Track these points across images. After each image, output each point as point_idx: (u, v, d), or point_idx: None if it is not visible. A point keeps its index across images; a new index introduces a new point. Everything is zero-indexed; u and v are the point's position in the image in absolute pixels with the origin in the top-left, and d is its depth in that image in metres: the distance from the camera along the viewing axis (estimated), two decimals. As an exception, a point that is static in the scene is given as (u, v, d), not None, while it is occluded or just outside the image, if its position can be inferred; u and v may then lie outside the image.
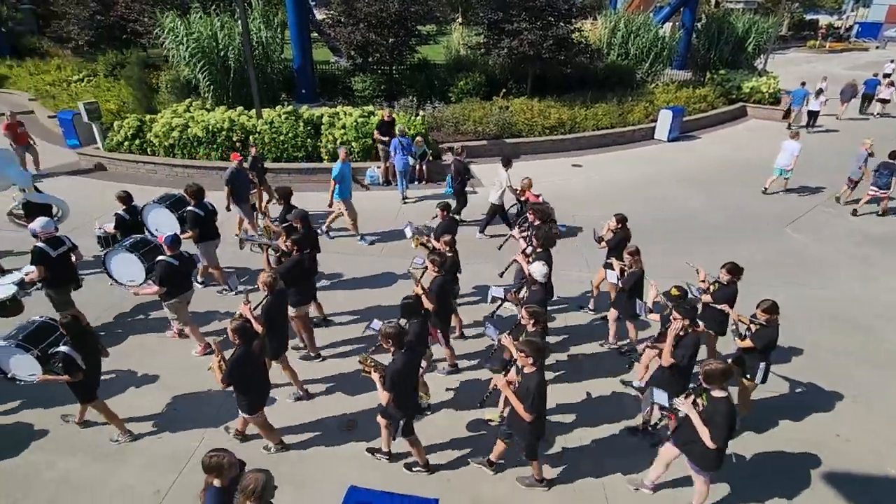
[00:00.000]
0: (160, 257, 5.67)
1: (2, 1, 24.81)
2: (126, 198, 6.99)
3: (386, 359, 4.25)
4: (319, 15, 21.42)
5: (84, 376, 4.51)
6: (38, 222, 5.91)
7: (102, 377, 4.93)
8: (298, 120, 11.84)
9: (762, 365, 4.73)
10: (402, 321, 4.61)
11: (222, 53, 13.27)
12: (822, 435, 5.23)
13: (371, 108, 12.80)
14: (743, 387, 4.96)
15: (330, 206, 8.78)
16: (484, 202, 10.62)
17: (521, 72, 15.37)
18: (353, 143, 11.58)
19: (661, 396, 4.04)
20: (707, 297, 5.39)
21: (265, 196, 9.46)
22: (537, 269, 5.13)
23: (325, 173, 11.33)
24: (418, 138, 11.15)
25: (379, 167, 11.28)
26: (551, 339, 6.22)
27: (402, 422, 4.37)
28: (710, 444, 3.67)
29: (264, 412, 4.60)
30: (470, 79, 15.02)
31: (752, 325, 4.76)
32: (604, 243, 6.49)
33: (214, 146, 11.58)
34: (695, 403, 3.84)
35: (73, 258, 6.07)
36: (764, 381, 4.84)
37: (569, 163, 13.23)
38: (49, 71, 18.63)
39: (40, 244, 5.75)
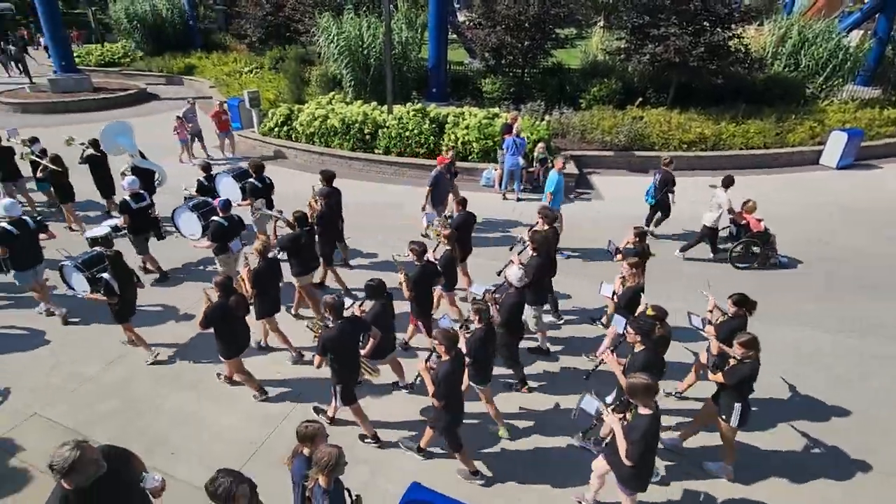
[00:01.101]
0: (214, 218, 6.47)
1: (202, 3, 29.46)
2: (206, 167, 8.21)
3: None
4: (461, 17, 21.95)
5: (118, 301, 5.42)
6: (126, 181, 7.24)
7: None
8: (425, 117, 12.23)
9: (737, 406, 4.28)
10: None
11: (365, 52, 14.21)
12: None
13: (497, 110, 12.77)
14: (721, 430, 4.52)
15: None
16: (599, 218, 10.06)
17: (662, 80, 14.19)
18: (474, 144, 11.65)
19: (589, 404, 3.93)
20: (710, 330, 4.87)
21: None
22: (513, 274, 5.13)
23: (443, 171, 11.66)
24: (540, 144, 10.85)
25: (496, 169, 11.21)
26: (554, 348, 6.29)
27: (337, 388, 4.66)
28: (624, 459, 3.53)
29: (240, 360, 5.22)
30: (604, 85, 14.24)
31: (729, 360, 4.39)
32: (619, 256, 6.14)
33: (347, 137, 12.45)
34: (624, 417, 3.71)
35: (151, 213, 7.30)
36: (740, 424, 4.34)
37: (706, 183, 11.86)
38: (227, 63, 21.62)
39: (126, 197, 7.03)
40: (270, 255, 5.68)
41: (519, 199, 10.72)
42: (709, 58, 12.74)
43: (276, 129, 13.32)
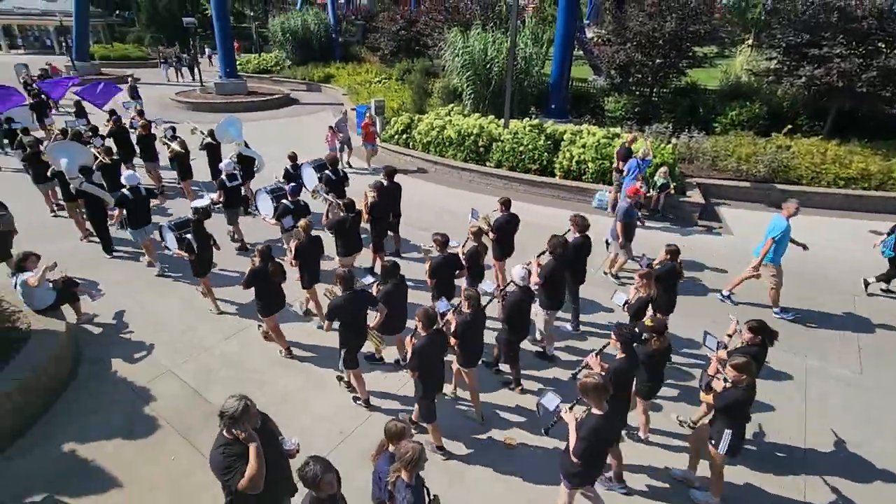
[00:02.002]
0: (283, 201, 7.37)
1: (345, 19, 32.26)
2: (294, 157, 9.18)
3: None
4: (589, 33, 21.41)
5: (195, 257, 6.59)
6: (224, 163, 8.54)
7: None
8: (541, 133, 12.05)
9: (727, 432, 4.03)
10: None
11: (488, 66, 14.42)
12: None
13: (617, 129, 12.17)
14: (709, 455, 4.25)
15: (756, 269, 7.05)
16: (726, 254, 9.10)
17: (819, 106, 12.47)
18: (590, 164, 11.20)
19: (550, 402, 3.97)
20: (722, 354, 4.53)
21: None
22: (516, 272, 5.27)
23: (554, 188, 11.37)
24: (663, 168, 10.09)
25: (609, 192, 10.65)
26: (569, 357, 6.27)
27: (342, 351, 5.11)
28: (571, 453, 3.63)
29: (275, 319, 5.94)
30: (746, 109, 12.91)
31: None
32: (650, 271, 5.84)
33: (461, 148, 12.69)
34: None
35: (242, 191, 8.75)
36: (729, 452, 4.09)
37: (865, 227, 10.15)
38: (360, 73, 23.35)
39: (222, 177, 8.31)
40: (313, 233, 6.38)
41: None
42: (881, 84, 10.94)
43: (396, 137, 14.02)
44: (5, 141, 12.86)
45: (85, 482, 4.51)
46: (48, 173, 8.71)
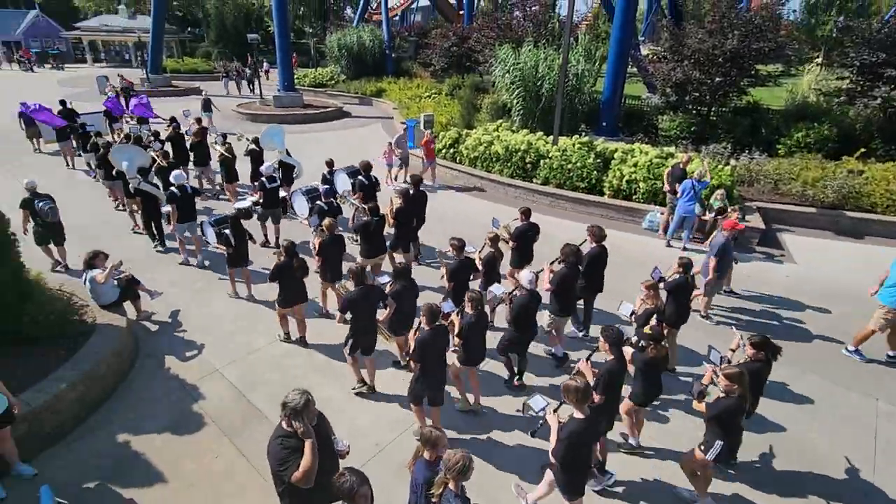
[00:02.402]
0: (317, 202, 8.00)
1: (398, 35, 33.14)
2: (331, 163, 9.73)
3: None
4: (644, 50, 20.99)
5: (232, 250, 7.18)
6: (264, 166, 9.26)
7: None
8: (591, 151, 11.83)
9: (718, 443, 4.00)
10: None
11: (538, 82, 14.36)
12: None
13: (672, 149, 11.77)
14: (696, 458, 4.23)
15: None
16: (787, 283, 8.57)
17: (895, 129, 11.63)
18: (640, 184, 10.87)
19: (537, 403, 4.04)
20: (721, 368, 4.35)
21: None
22: (523, 276, 5.50)
23: (602, 208, 11.11)
24: (720, 191, 9.64)
25: (662, 213, 10.27)
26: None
27: (350, 340, 5.43)
28: (550, 453, 3.72)
29: (287, 311, 6.40)
30: (814, 130, 12.19)
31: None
32: (661, 285, 5.88)
33: (508, 164, 12.65)
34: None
35: (281, 193, 9.16)
36: (718, 460, 4.09)
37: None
38: (411, 88, 23.84)
39: (262, 179, 8.87)
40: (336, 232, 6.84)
41: (685, 249, 9.63)
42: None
43: (444, 151, 14.15)
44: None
45: (133, 473, 4.71)
46: (113, 173, 9.74)
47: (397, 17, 48.64)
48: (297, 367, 6.28)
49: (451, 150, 14.03)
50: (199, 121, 13.03)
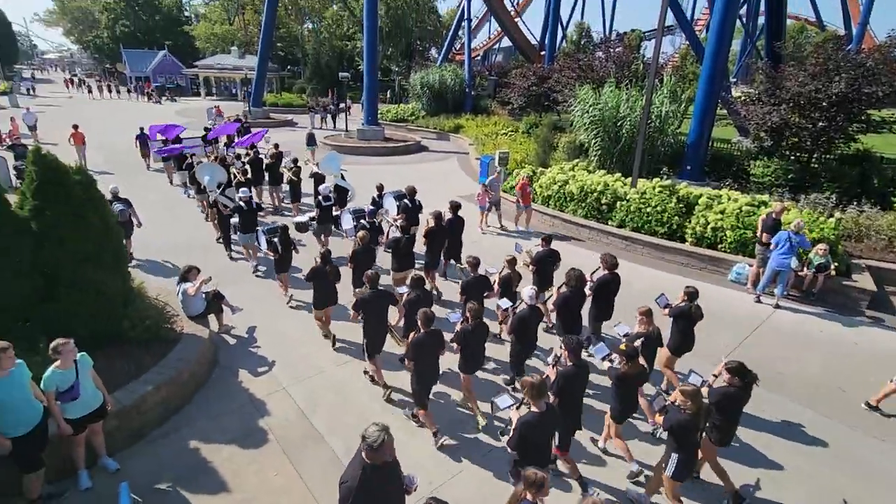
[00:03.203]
0: (361, 220, 8.92)
1: (479, 74, 34.19)
2: (380, 188, 10.47)
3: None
4: (736, 92, 20.03)
5: (278, 256, 8.17)
6: (321, 187, 10.39)
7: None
8: (672, 195, 11.29)
9: (674, 456, 4.15)
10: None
11: (619, 123, 14.09)
12: None
13: (765, 197, 10.94)
14: (660, 477, 4.41)
15: None
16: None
17: None
18: (728, 232, 10.14)
19: (503, 401, 4.28)
20: (703, 391, 4.51)
21: None
22: (525, 292, 5.89)
23: (683, 255, 10.48)
24: (822, 245, 8.77)
25: (751, 265, 9.48)
26: None
27: (365, 342, 6.13)
28: (506, 443, 4.09)
29: (321, 312, 7.21)
30: (937, 184, 10.85)
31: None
32: (665, 311, 6.13)
33: (583, 205, 12.37)
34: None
35: (334, 211, 10.13)
36: (676, 477, 4.20)
37: None
38: (488, 125, 24.33)
39: (319, 198, 10.11)
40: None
41: (778, 307, 8.78)
42: None
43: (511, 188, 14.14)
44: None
45: (200, 481, 4.91)
46: (202, 187, 11.35)
47: (479, 57, 50.44)
48: (358, 391, 6.36)
49: (491, 177, 13.97)
50: (276, 146, 14.72)
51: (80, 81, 56.15)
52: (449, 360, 6.20)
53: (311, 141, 19.83)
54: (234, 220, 9.70)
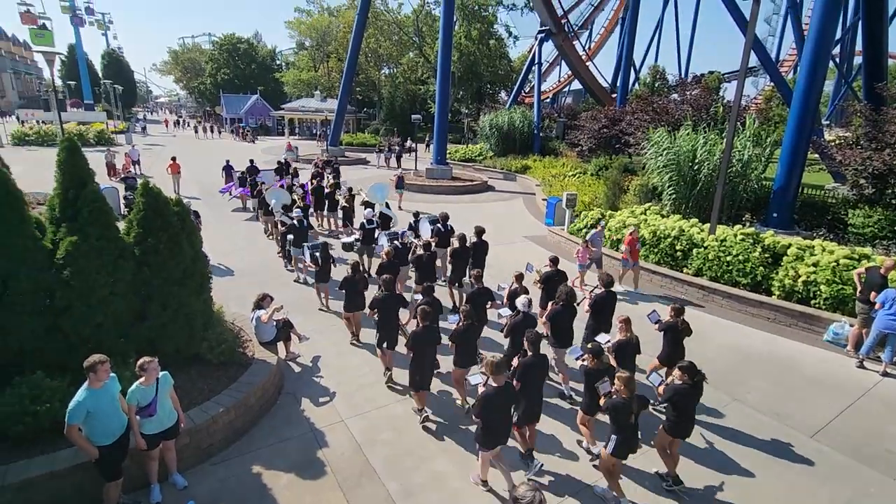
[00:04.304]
0: (394, 241, 9.87)
1: (548, 116, 34.47)
2: (416, 214, 11.85)
3: None
4: (829, 135, 18.65)
5: (317, 267, 9.33)
6: (366, 212, 11.53)
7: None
8: (756, 244, 10.50)
9: (614, 437, 4.82)
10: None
11: (696, 167, 13.50)
12: None
13: (867, 249, 9.88)
14: (602, 455, 5.08)
15: None
16: None
17: None
18: (822, 287, 9.21)
19: (475, 378, 5.27)
20: (660, 389, 5.36)
21: None
22: (519, 301, 6.56)
23: (770, 309, 9.63)
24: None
25: (852, 325, 8.50)
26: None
27: (378, 335, 7.11)
28: (472, 413, 5.14)
29: (352, 315, 8.20)
30: None
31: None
32: (657, 326, 6.81)
33: (655, 250, 11.82)
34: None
35: (375, 234, 11.16)
36: (614, 454, 4.85)
37: None
38: (556, 166, 24.26)
39: (363, 221, 11.31)
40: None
41: (886, 374, 7.75)
42: None
43: (585, 231, 13.80)
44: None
45: (259, 508, 5.00)
46: (269, 209, 13.44)
47: (548, 99, 50.99)
48: (414, 429, 6.27)
49: (592, 231, 13.61)
50: (335, 176, 17.40)
51: (183, 122, 62.83)
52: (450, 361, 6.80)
53: (400, 184, 19.63)
54: (290, 237, 11.18)
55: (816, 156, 17.07)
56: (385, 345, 7.11)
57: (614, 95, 31.24)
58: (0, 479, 4.38)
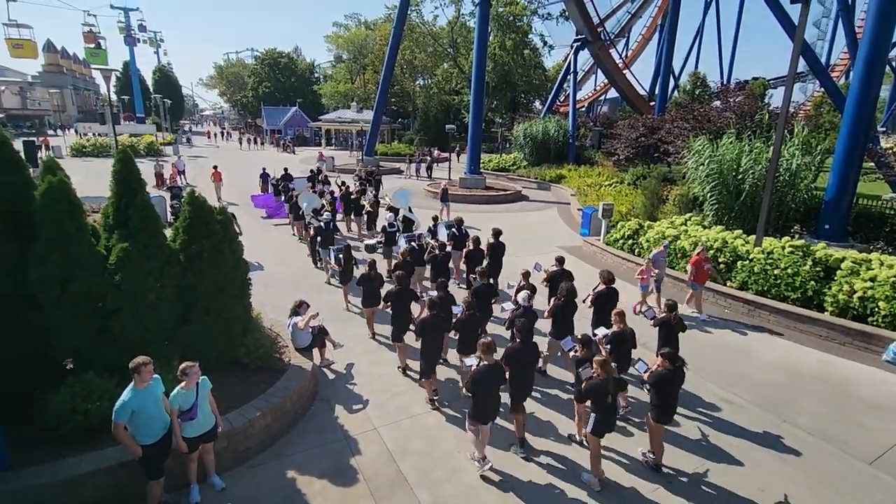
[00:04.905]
0: (412, 243, 10.33)
1: (584, 126, 34.02)
2: (435, 218, 12.66)
3: None
4: (886, 143, 17.64)
5: (340, 268, 10.02)
6: (388, 216, 12.65)
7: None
8: (807, 257, 9.99)
9: (593, 416, 5.23)
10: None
11: (740, 176, 13.00)
12: None
13: (931, 264, 9.24)
14: (582, 433, 5.82)
15: None
16: None
17: None
18: (882, 303, 8.66)
19: (469, 360, 5.64)
20: (645, 376, 5.73)
21: None
22: (521, 296, 7.05)
23: (822, 326, 9.12)
24: None
25: (914, 345, 7.93)
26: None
27: (392, 327, 7.67)
28: (464, 387, 5.87)
29: (368, 311, 8.76)
30: None
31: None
32: (652, 322, 7.17)
33: (696, 262, 11.39)
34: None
35: (397, 236, 11.59)
36: (594, 433, 5.25)
37: None
38: (591, 176, 23.87)
39: (385, 224, 12.11)
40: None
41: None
42: None
43: (621, 241, 13.50)
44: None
45: (292, 513, 5.04)
46: (300, 213, 14.54)
47: (584, 108, 50.44)
48: (446, 440, 6.22)
49: (630, 242, 13.31)
50: (361, 183, 18.42)
51: (226, 134, 65.36)
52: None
53: (444, 197, 18.84)
54: (319, 238, 11.91)
55: (872, 164, 16.13)
56: (397, 336, 7.64)
57: (652, 104, 30.58)
58: (50, 476, 4.60)
